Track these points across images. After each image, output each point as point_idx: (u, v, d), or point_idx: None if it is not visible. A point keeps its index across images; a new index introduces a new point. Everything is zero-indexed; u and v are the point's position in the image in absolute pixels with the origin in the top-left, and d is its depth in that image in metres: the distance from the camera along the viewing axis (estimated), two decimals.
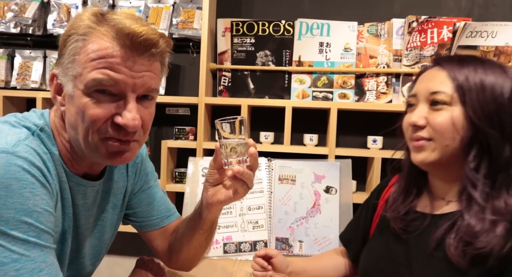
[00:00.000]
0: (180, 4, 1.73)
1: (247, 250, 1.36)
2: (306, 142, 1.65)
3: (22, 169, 0.62)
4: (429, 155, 0.76)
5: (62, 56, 0.69)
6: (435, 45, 1.57)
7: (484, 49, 1.53)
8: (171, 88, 1.76)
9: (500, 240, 0.66)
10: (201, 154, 1.63)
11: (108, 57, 0.65)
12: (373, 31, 1.65)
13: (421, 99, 0.77)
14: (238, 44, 1.70)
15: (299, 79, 1.68)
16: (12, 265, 0.59)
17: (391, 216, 0.86)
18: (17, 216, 0.60)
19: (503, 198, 0.70)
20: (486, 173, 0.72)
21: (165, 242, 1.01)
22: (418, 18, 1.57)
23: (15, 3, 1.75)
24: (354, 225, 1.06)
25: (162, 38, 0.68)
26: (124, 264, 1.84)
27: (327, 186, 1.46)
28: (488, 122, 0.71)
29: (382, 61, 1.64)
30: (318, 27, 1.66)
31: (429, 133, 0.75)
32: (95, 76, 0.65)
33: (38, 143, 0.69)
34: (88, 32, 0.66)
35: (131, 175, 0.93)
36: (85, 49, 0.66)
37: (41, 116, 0.75)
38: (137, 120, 0.68)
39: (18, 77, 1.79)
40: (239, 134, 0.77)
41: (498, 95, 0.72)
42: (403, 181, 0.88)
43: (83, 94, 0.66)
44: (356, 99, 1.66)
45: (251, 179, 0.80)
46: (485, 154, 0.72)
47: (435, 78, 0.77)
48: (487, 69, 0.74)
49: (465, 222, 0.71)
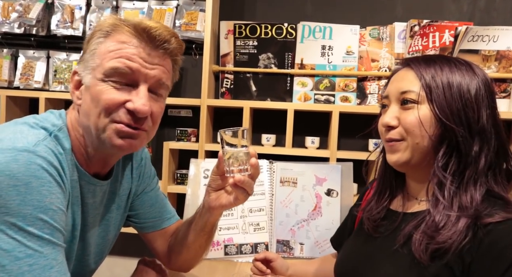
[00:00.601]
0: (183, 6, 1.74)
1: (248, 252, 1.37)
2: (308, 145, 1.65)
3: (41, 167, 0.65)
4: (402, 155, 0.77)
5: (85, 53, 0.75)
6: (437, 49, 1.58)
7: (485, 53, 1.53)
8: (173, 90, 1.73)
9: (459, 235, 0.67)
10: (203, 155, 1.63)
11: (125, 48, 0.72)
12: (375, 34, 1.65)
13: (393, 99, 0.79)
14: (241, 47, 1.71)
15: (301, 82, 1.69)
16: (26, 260, 0.60)
17: (364, 217, 0.88)
18: (34, 213, 0.62)
19: (470, 194, 0.71)
20: (455, 170, 0.73)
21: (165, 243, 1.03)
22: (420, 22, 1.58)
23: (19, 4, 1.76)
24: (341, 228, 1.08)
25: (175, 37, 0.75)
26: (125, 264, 1.84)
27: (328, 188, 1.46)
28: (455, 119, 0.72)
29: (384, 64, 1.64)
30: (321, 30, 1.67)
31: (400, 134, 0.77)
32: (112, 64, 0.71)
33: (54, 144, 0.72)
34: (111, 30, 0.73)
35: (135, 177, 0.96)
36: (105, 43, 0.73)
37: (59, 117, 0.78)
38: (147, 106, 0.73)
39: (22, 77, 1.80)
40: (241, 144, 0.80)
41: (464, 92, 0.73)
42: (378, 182, 0.89)
43: (99, 81, 0.72)
44: (358, 102, 1.67)
45: (251, 187, 0.83)
46: (454, 152, 0.73)
47: (404, 79, 0.78)
48: (453, 68, 0.75)
49: (431, 218, 0.72)
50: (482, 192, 0.72)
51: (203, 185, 1.47)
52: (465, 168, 0.73)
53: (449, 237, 0.67)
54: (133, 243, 1.70)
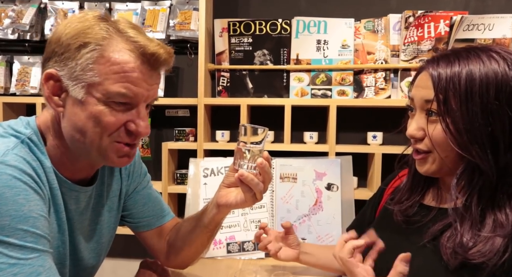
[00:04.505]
0: (177, 5, 1.73)
1: (251, 249, 1.37)
2: (306, 140, 1.65)
3: (13, 177, 0.64)
4: (430, 166, 0.74)
5: (69, 59, 0.70)
6: (432, 40, 1.57)
7: (481, 42, 1.52)
8: (170, 90, 1.77)
9: (496, 253, 0.63)
10: (202, 155, 1.63)
11: (130, 72, 0.70)
12: (370, 27, 1.65)
13: (417, 105, 0.75)
14: (236, 44, 1.71)
15: (297, 77, 1.68)
16: (9, 270, 0.60)
17: (395, 209, 0.85)
18: (13, 223, 0.61)
19: (505, 210, 0.66)
20: (482, 186, 0.68)
21: (161, 241, 1.03)
22: (415, 13, 1.57)
23: (12, 9, 1.76)
24: (360, 218, 1.06)
25: (170, 56, 0.76)
26: (128, 266, 1.84)
27: (328, 183, 1.46)
28: (470, 137, 0.66)
29: (380, 57, 1.64)
30: (315, 24, 1.66)
31: (427, 146, 0.73)
32: (118, 89, 0.70)
33: (27, 150, 0.71)
34: (105, 43, 0.70)
35: (124, 177, 0.95)
36: (106, 60, 0.69)
37: (27, 125, 0.76)
38: (149, 128, 0.75)
39: (17, 83, 1.79)
40: (258, 143, 0.82)
41: (490, 97, 0.65)
42: (409, 179, 0.86)
43: (98, 102, 0.70)
44: (355, 95, 1.66)
45: (258, 189, 0.81)
46: (476, 168, 0.68)
47: (427, 85, 0.72)
48: (478, 64, 0.68)
49: (458, 235, 0.68)
50: None
51: (203, 184, 1.47)
52: (492, 183, 0.67)
53: (483, 255, 0.64)
54: (136, 245, 1.70)
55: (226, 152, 1.62)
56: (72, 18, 0.73)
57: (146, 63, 0.72)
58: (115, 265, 1.88)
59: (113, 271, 1.89)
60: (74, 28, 0.70)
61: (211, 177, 1.48)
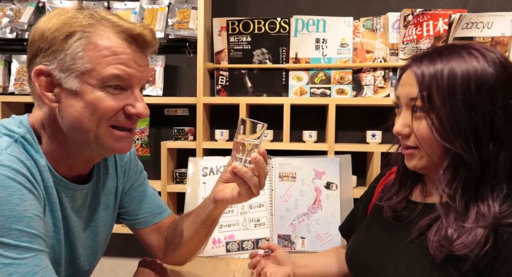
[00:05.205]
0: (175, 4, 1.73)
1: (250, 248, 1.37)
2: (305, 139, 1.65)
3: (6, 177, 0.64)
4: (418, 162, 0.76)
5: (57, 52, 0.69)
6: (431, 38, 1.57)
7: (480, 40, 1.52)
8: (169, 89, 1.76)
9: (478, 244, 0.65)
10: (201, 154, 1.63)
11: (120, 54, 0.71)
12: (369, 25, 1.65)
13: (403, 103, 0.76)
14: (235, 43, 1.70)
15: (296, 76, 1.68)
16: (4, 270, 0.60)
17: (385, 205, 0.86)
18: (7, 223, 0.61)
19: (487, 202, 0.68)
20: (466, 178, 0.70)
21: (159, 238, 1.03)
22: (414, 11, 1.57)
23: (10, 9, 1.75)
24: (352, 216, 1.07)
25: (155, 38, 0.77)
26: (128, 265, 1.84)
27: (327, 182, 1.46)
28: (454, 132, 0.68)
29: (379, 55, 1.64)
30: (314, 23, 1.66)
31: (415, 142, 0.74)
32: (112, 71, 0.70)
33: (21, 149, 0.70)
34: (91, 30, 0.70)
35: (120, 175, 0.95)
36: (94, 46, 0.69)
37: (20, 124, 0.75)
38: (148, 109, 0.75)
39: (16, 83, 1.79)
40: (255, 138, 0.81)
41: (472, 93, 0.67)
42: (398, 174, 0.88)
43: (95, 88, 0.70)
44: (354, 94, 1.66)
45: (253, 182, 0.81)
46: (461, 162, 0.69)
47: (411, 83, 0.73)
48: (460, 61, 0.70)
49: (443, 228, 0.70)
50: (502, 196, 0.69)
51: (202, 184, 1.47)
52: (476, 176, 0.69)
53: (465, 246, 0.66)
54: (135, 244, 1.70)
55: (225, 151, 1.62)
56: (50, 14, 0.73)
57: (134, 45, 0.72)
58: (114, 264, 1.88)
59: (112, 270, 1.89)
60: (57, 21, 0.70)
61: (210, 176, 1.48)
